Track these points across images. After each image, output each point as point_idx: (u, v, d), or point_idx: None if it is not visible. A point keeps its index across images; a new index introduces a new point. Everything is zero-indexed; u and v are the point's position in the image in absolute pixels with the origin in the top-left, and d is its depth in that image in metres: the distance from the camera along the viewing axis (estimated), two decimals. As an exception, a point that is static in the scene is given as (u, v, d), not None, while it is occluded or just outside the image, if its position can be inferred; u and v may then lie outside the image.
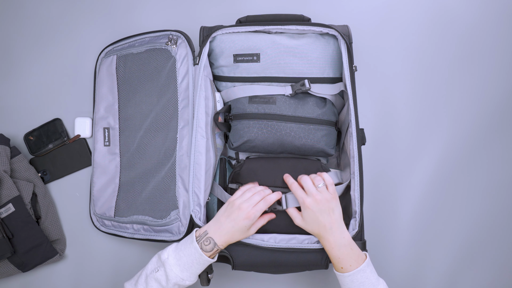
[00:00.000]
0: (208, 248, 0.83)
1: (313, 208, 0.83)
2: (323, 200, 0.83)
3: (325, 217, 0.83)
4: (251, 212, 0.83)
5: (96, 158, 1.04)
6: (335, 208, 0.84)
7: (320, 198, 0.83)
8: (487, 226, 1.05)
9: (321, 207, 0.83)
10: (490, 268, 1.04)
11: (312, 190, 0.84)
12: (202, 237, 0.84)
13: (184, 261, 0.82)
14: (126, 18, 1.12)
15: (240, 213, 0.83)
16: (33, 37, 1.13)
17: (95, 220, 1.04)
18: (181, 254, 0.83)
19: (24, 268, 1.02)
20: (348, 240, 0.83)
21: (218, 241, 0.83)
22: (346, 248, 0.82)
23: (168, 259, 0.82)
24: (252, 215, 0.83)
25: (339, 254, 0.82)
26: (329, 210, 0.83)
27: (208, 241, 0.83)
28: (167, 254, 0.83)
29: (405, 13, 1.09)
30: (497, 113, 1.07)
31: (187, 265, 0.82)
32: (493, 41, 1.08)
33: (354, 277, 0.81)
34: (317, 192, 0.84)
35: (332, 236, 0.83)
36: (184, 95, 0.96)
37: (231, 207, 0.85)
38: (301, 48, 0.94)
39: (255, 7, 1.10)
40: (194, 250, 0.82)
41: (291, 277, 1.04)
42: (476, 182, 1.06)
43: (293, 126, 0.92)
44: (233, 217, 0.83)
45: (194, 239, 0.83)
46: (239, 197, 0.86)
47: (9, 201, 0.99)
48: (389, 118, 1.07)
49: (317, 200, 0.83)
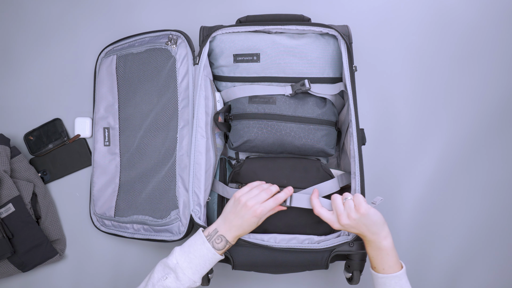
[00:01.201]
0: (221, 246, 0.83)
1: (348, 228, 0.81)
2: (351, 222, 0.80)
3: (360, 230, 0.81)
4: (259, 210, 0.82)
5: (96, 158, 1.04)
6: (367, 221, 0.80)
7: (348, 222, 0.80)
8: (488, 225, 1.05)
9: (354, 225, 0.80)
10: (491, 267, 1.04)
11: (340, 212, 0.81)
12: (213, 236, 0.83)
13: (196, 263, 0.81)
14: (126, 18, 1.12)
15: (247, 211, 0.82)
16: (33, 37, 1.13)
17: (95, 220, 1.04)
18: (191, 257, 0.81)
19: (24, 268, 1.02)
20: (386, 246, 0.80)
21: (230, 238, 0.83)
22: (381, 251, 0.80)
23: (179, 263, 0.80)
24: (259, 213, 0.82)
25: (373, 254, 0.82)
26: (362, 225, 0.80)
27: (220, 239, 0.83)
28: (175, 259, 0.81)
29: (405, 13, 1.09)
30: (497, 113, 1.07)
31: (199, 267, 0.81)
32: (493, 41, 1.08)
33: (387, 280, 0.80)
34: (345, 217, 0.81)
35: (369, 240, 0.81)
36: (184, 95, 0.96)
37: (237, 203, 0.84)
38: (301, 48, 0.94)
39: (255, 7, 1.10)
40: (207, 250, 0.81)
41: (291, 277, 1.04)
42: (476, 182, 1.06)
43: (293, 126, 0.92)
44: (241, 214, 0.83)
45: (205, 240, 0.82)
46: (246, 193, 0.84)
47: (9, 201, 0.99)
48: (389, 118, 1.07)
49: (344, 225, 0.81)
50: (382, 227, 0.81)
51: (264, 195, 0.84)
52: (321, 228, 0.90)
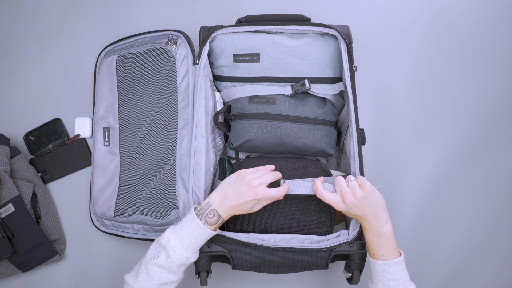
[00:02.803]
0: (213, 221, 0.81)
1: (351, 206, 0.81)
2: (356, 201, 0.80)
3: (364, 211, 0.81)
4: (261, 192, 0.81)
5: (96, 158, 1.04)
6: (371, 201, 0.81)
7: (352, 200, 0.80)
8: (488, 224, 1.05)
9: (358, 204, 0.80)
10: (491, 266, 1.04)
11: (344, 192, 0.82)
12: (206, 210, 0.81)
13: (187, 240, 0.80)
14: (126, 18, 1.12)
15: (248, 190, 0.80)
16: (33, 37, 1.13)
17: (95, 220, 1.04)
18: (182, 234, 0.80)
19: (24, 268, 1.02)
20: (386, 231, 0.81)
21: (222, 213, 0.81)
22: (382, 237, 0.81)
23: (169, 241, 0.79)
24: (260, 195, 0.80)
25: (373, 240, 0.81)
26: (365, 205, 0.80)
27: (212, 213, 0.81)
28: (166, 237, 0.80)
29: (405, 13, 1.09)
30: (496, 113, 1.07)
31: (191, 243, 0.80)
32: (493, 41, 1.08)
33: (385, 267, 0.81)
34: (350, 194, 0.81)
35: (370, 225, 0.81)
36: (184, 95, 0.96)
37: (240, 180, 0.82)
38: (301, 48, 0.94)
39: (255, 7, 1.10)
40: (197, 226, 0.80)
41: (291, 277, 1.04)
42: (476, 181, 1.06)
43: (293, 126, 0.92)
44: (240, 191, 0.81)
45: (194, 216, 0.80)
46: (251, 173, 0.83)
47: (9, 201, 0.99)
48: (389, 118, 1.08)
49: (349, 203, 0.81)
50: (384, 210, 0.81)
51: (269, 178, 0.83)
52: (321, 228, 0.90)
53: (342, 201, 0.81)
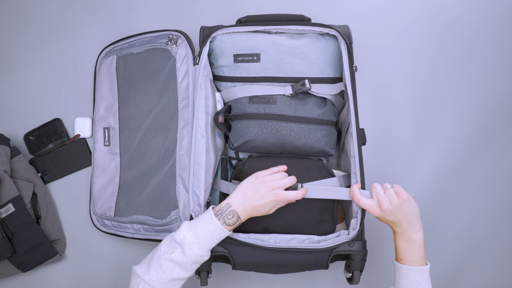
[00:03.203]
0: (231, 221, 0.81)
1: (387, 213, 0.83)
2: (392, 207, 0.82)
3: (399, 217, 0.82)
4: (282, 194, 0.82)
5: (96, 158, 1.04)
6: (407, 208, 0.82)
7: (388, 207, 0.82)
8: (488, 225, 1.05)
9: (393, 211, 0.82)
10: (491, 267, 1.04)
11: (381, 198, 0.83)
12: (225, 210, 0.81)
13: (203, 238, 0.80)
14: (126, 18, 1.12)
15: (269, 192, 0.82)
16: (33, 37, 1.13)
17: (95, 220, 1.04)
18: (199, 232, 0.80)
19: (24, 268, 1.02)
20: (418, 237, 0.83)
21: (242, 214, 0.82)
22: (413, 243, 0.83)
23: (185, 238, 0.79)
24: (281, 197, 0.82)
25: (404, 245, 0.83)
26: (400, 212, 0.82)
27: (231, 214, 0.81)
28: (182, 234, 0.80)
29: (405, 13, 1.09)
30: (496, 113, 1.07)
31: (206, 242, 0.80)
32: (493, 41, 1.08)
33: (412, 272, 0.82)
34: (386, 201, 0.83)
35: (403, 231, 0.83)
36: (184, 95, 0.96)
37: (260, 182, 0.83)
38: (301, 48, 0.94)
39: (255, 7, 1.10)
40: (214, 226, 0.80)
41: (291, 277, 1.04)
42: (477, 181, 1.06)
43: (293, 126, 0.92)
44: (261, 193, 0.82)
45: (212, 215, 0.81)
46: (270, 175, 0.84)
47: (9, 201, 0.99)
48: (389, 118, 1.08)
49: (385, 209, 0.83)
50: (418, 219, 0.83)
51: (288, 182, 0.84)
52: (323, 227, 0.90)
53: (378, 207, 0.83)
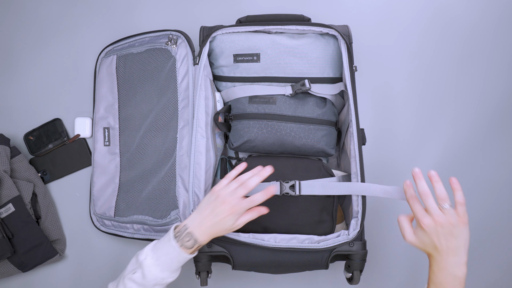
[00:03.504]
0: (189, 244, 0.76)
1: (430, 230, 0.71)
2: (445, 223, 0.70)
3: (442, 242, 0.70)
4: (237, 207, 0.76)
5: (96, 158, 1.04)
6: (460, 234, 0.70)
7: (442, 220, 0.70)
8: (488, 225, 1.05)
9: (441, 230, 0.70)
10: (491, 267, 1.04)
11: (434, 209, 0.71)
12: (182, 232, 0.77)
13: (163, 260, 0.76)
14: (126, 18, 1.12)
15: (224, 207, 0.76)
16: (33, 37, 1.13)
17: (95, 220, 1.04)
18: (159, 254, 0.76)
19: (24, 268, 1.02)
20: (462, 274, 0.70)
21: (199, 237, 0.77)
22: (455, 280, 0.70)
23: (146, 259, 0.76)
24: (237, 210, 0.76)
25: (444, 281, 0.70)
26: (450, 235, 0.70)
27: (188, 237, 0.76)
28: (144, 255, 0.77)
29: (405, 13, 1.09)
30: (496, 113, 1.07)
31: (166, 264, 0.76)
32: (493, 41, 1.08)
33: None
34: (439, 212, 0.71)
35: (445, 261, 0.70)
36: (184, 95, 0.96)
37: (215, 199, 0.78)
38: (301, 48, 0.94)
39: (255, 7, 1.10)
40: (172, 249, 0.76)
41: (291, 277, 1.04)
42: (477, 181, 1.06)
43: (293, 126, 0.92)
44: (217, 211, 0.77)
45: (171, 236, 0.77)
46: (224, 188, 0.78)
47: (9, 201, 0.99)
48: (389, 118, 1.08)
49: (437, 221, 0.70)
50: (467, 251, 0.71)
51: (242, 192, 0.78)
52: (323, 227, 0.90)
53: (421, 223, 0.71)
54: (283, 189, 0.88)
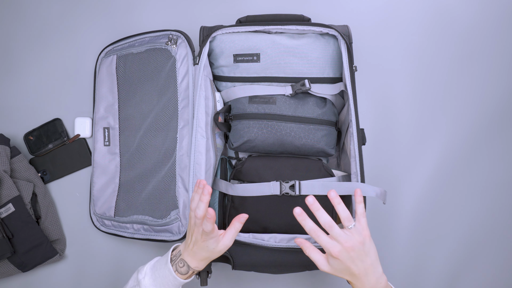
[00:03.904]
0: (183, 270, 0.77)
1: (343, 258, 0.68)
2: (356, 245, 0.68)
3: (359, 265, 0.69)
4: (204, 230, 0.72)
5: (96, 158, 1.04)
6: (370, 248, 0.70)
7: (352, 244, 0.68)
8: (488, 225, 1.05)
9: (353, 254, 0.68)
10: (491, 267, 1.04)
11: (341, 236, 0.68)
12: (177, 258, 0.77)
13: (159, 281, 0.76)
14: (126, 18, 1.12)
15: (196, 234, 0.73)
16: (33, 37, 1.13)
17: (95, 220, 1.04)
18: (156, 275, 0.77)
19: (24, 268, 1.02)
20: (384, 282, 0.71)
21: (192, 263, 0.76)
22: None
23: (144, 279, 0.76)
24: (207, 233, 0.72)
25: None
26: (363, 254, 0.69)
27: (182, 263, 0.76)
28: (144, 273, 0.77)
29: (405, 13, 1.09)
30: (497, 113, 1.07)
31: (163, 286, 0.76)
32: (493, 41, 1.08)
33: None
34: (347, 237, 0.68)
35: (367, 283, 0.70)
36: (184, 95, 0.96)
37: (189, 227, 0.76)
38: (301, 48, 0.94)
39: (255, 7, 1.10)
40: (168, 272, 0.76)
41: (291, 277, 1.04)
42: (477, 181, 1.06)
43: (293, 126, 0.92)
44: (194, 239, 0.74)
45: (168, 260, 0.76)
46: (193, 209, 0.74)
47: (9, 201, 0.99)
48: (389, 118, 1.08)
49: (348, 247, 0.68)
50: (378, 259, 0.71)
51: (200, 213, 0.71)
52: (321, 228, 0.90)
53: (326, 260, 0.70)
54: (283, 189, 0.88)
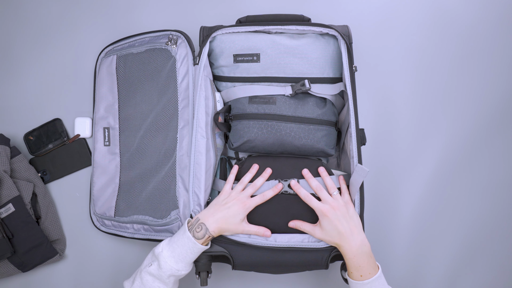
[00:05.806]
0: (200, 234, 0.83)
1: (331, 216, 0.83)
2: (340, 206, 0.84)
3: (344, 224, 0.83)
4: (247, 202, 0.86)
5: (96, 158, 1.04)
6: (354, 214, 0.84)
7: (336, 204, 0.84)
8: (488, 225, 1.05)
9: (339, 213, 0.83)
10: (490, 268, 1.04)
11: (327, 198, 0.85)
12: (194, 224, 0.84)
13: (178, 252, 0.82)
14: (126, 18, 1.12)
15: (236, 202, 0.86)
16: (33, 37, 1.13)
17: (95, 220, 1.04)
18: (174, 246, 0.83)
19: (24, 268, 1.02)
20: (368, 248, 0.82)
21: (210, 226, 0.84)
22: (366, 256, 0.82)
23: (162, 252, 0.82)
24: (248, 205, 0.86)
25: (361, 262, 0.81)
26: (347, 216, 0.83)
27: (200, 227, 0.84)
28: (161, 248, 0.83)
29: (405, 13, 1.09)
30: (497, 113, 1.07)
31: (181, 256, 0.82)
32: (493, 41, 1.08)
33: (373, 284, 0.81)
34: (332, 200, 0.85)
35: (354, 243, 0.82)
36: (184, 95, 0.96)
37: (227, 196, 0.88)
38: (301, 48, 0.94)
39: (255, 7, 1.10)
40: (187, 239, 0.83)
41: (291, 277, 1.04)
42: (477, 182, 1.06)
43: (293, 126, 0.92)
44: (229, 204, 0.86)
45: (186, 229, 0.84)
46: (233, 190, 0.89)
47: (9, 201, 0.99)
48: (389, 118, 1.08)
49: (334, 206, 0.84)
50: (362, 227, 0.84)
51: (250, 190, 0.88)
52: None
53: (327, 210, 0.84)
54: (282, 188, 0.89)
